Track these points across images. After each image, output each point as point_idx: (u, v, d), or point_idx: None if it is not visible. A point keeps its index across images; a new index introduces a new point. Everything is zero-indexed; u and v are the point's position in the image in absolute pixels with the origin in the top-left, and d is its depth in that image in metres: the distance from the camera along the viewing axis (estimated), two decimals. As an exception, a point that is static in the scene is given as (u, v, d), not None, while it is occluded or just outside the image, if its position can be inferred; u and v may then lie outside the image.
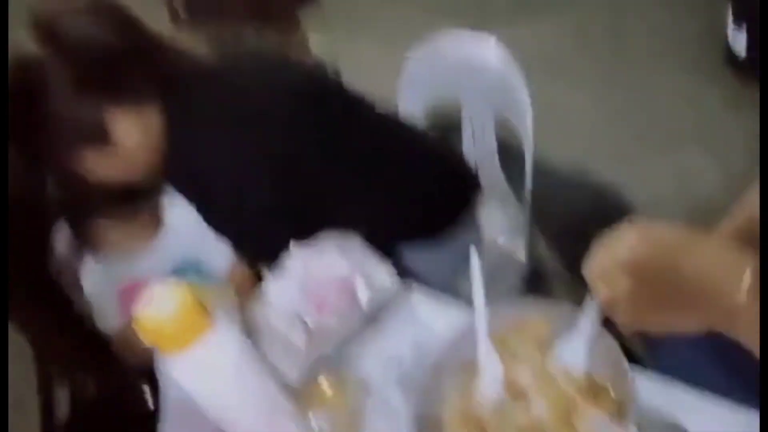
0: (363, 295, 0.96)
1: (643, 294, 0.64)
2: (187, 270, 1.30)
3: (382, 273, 1.00)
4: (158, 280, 0.76)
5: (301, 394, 0.92)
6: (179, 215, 1.28)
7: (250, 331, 0.96)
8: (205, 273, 1.31)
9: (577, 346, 0.80)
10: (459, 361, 0.89)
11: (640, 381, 0.80)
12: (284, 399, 0.86)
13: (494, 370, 0.86)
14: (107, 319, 1.30)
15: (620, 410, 0.77)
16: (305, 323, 0.92)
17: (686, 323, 0.65)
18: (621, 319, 0.68)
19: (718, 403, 0.81)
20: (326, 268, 0.95)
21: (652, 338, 0.82)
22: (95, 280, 1.29)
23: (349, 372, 0.95)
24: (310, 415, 0.90)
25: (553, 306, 0.86)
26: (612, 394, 0.78)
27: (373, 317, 0.99)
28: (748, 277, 0.60)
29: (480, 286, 0.87)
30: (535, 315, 0.87)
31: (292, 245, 1.02)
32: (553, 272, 1.42)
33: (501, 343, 0.88)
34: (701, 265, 0.62)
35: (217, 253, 1.30)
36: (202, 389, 0.79)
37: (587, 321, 0.76)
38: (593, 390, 0.80)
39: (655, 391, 0.83)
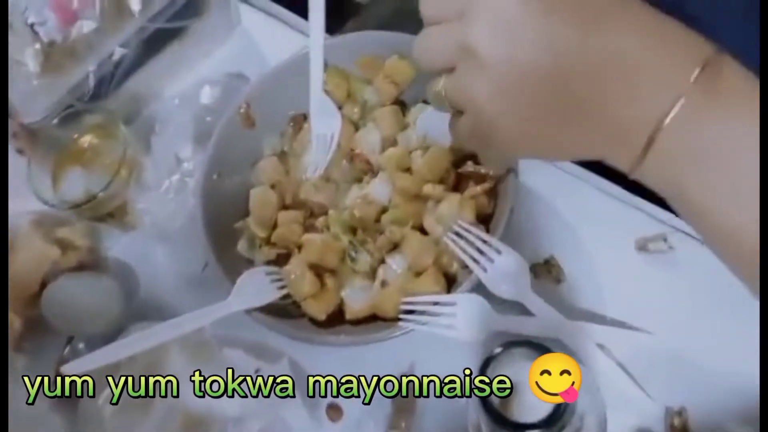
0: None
1: (505, 94, 0.36)
2: None
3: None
4: None
5: (52, 143, 0.62)
6: None
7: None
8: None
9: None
10: (284, 110, 0.62)
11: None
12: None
13: (328, 124, 0.60)
14: None
15: (495, 210, 0.54)
16: (36, 35, 0.58)
17: (569, 147, 0.38)
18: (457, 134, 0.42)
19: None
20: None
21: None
22: None
23: (123, 112, 0.65)
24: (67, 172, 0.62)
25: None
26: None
27: (159, 33, 0.65)
28: (689, 85, 0.32)
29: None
30: (398, 52, 0.59)
31: None
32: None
33: (344, 88, 0.61)
34: (618, 51, 0.33)
35: None
36: None
37: None
38: (461, 173, 0.56)
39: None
